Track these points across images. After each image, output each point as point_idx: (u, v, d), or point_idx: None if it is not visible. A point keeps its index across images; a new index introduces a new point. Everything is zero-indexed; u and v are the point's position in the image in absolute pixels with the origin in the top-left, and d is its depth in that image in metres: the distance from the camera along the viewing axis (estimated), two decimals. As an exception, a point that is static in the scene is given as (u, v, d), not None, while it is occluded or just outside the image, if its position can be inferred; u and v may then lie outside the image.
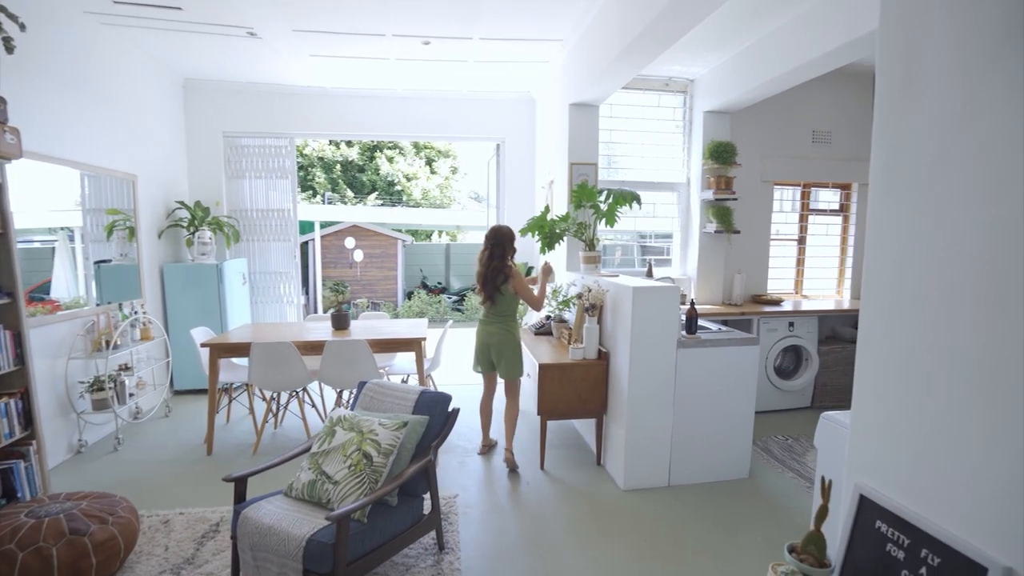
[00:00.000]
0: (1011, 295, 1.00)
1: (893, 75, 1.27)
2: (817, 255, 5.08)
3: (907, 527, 1.22)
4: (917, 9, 1.21)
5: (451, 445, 3.60)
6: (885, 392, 1.31)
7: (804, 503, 2.86)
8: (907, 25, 1.23)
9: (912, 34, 1.22)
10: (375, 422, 2.14)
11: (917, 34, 1.21)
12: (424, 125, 5.31)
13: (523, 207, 5.49)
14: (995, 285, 1.04)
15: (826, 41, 3.13)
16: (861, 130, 4.83)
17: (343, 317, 3.84)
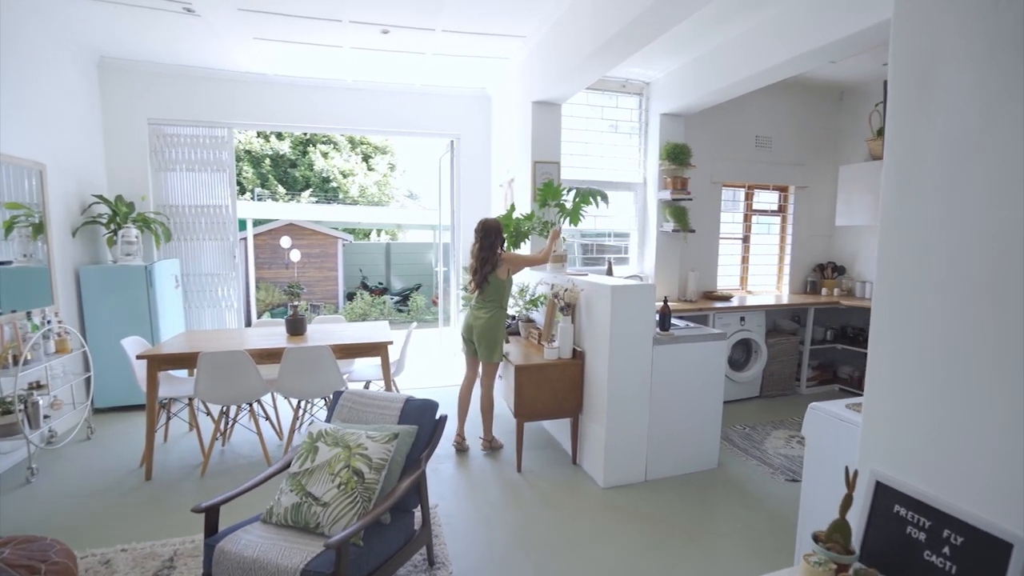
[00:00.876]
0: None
1: (907, 88, 1.33)
2: (759, 253, 5.40)
3: (927, 509, 1.28)
4: (931, 24, 1.27)
5: (421, 453, 3.45)
6: (899, 384, 1.37)
7: (771, 489, 3.01)
8: (920, 42, 1.29)
9: (926, 50, 1.28)
10: (362, 435, 1.99)
11: (931, 50, 1.27)
12: (375, 119, 5.07)
13: (479, 205, 5.40)
14: (1013, 282, 1.11)
15: (776, 54, 3.31)
16: (797, 137, 5.19)
17: (300, 322, 3.57)
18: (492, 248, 3.27)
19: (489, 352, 3.30)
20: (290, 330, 3.56)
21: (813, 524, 2.03)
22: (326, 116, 4.95)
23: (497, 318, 3.31)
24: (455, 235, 5.52)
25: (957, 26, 1.22)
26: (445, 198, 5.88)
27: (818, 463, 2.00)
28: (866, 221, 4.78)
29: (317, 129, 5.31)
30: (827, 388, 4.92)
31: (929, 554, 1.26)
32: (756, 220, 5.35)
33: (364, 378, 3.78)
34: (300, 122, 4.92)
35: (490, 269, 3.27)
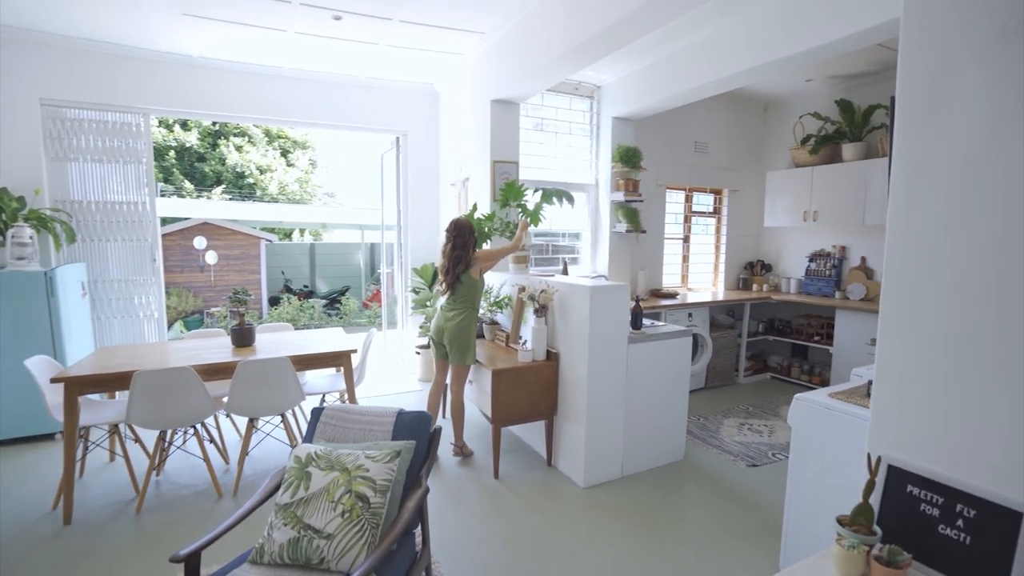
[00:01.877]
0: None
1: (916, 103, 1.43)
2: (697, 252, 5.73)
3: (939, 487, 1.39)
4: (939, 43, 1.38)
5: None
6: (906, 375, 1.48)
7: (735, 475, 3.18)
8: (929, 60, 1.39)
9: (935, 68, 1.38)
10: (359, 455, 1.82)
11: (940, 68, 1.37)
12: (316, 111, 4.72)
13: (427, 204, 5.23)
14: (1016, 283, 1.24)
15: (724, 67, 3.52)
16: (729, 143, 5.56)
17: (248, 332, 3.22)
18: (465, 247, 3.17)
19: (461, 354, 3.19)
20: (237, 341, 3.21)
21: (800, 508, 2.16)
22: (260, 106, 4.53)
23: (469, 319, 3.21)
24: (403, 235, 5.30)
25: (965, 46, 1.33)
26: (390, 197, 5.63)
27: (804, 450, 2.13)
28: (789, 223, 5.23)
29: (249, 120, 4.84)
30: (761, 377, 5.32)
31: (944, 527, 1.37)
32: (695, 221, 5.67)
33: (318, 390, 3.50)
34: (229, 111, 4.46)
35: (463, 269, 3.17)
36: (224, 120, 5.23)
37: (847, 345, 4.56)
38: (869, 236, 4.85)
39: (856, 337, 4.48)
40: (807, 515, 2.12)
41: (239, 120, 4.93)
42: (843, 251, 5.07)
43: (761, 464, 3.32)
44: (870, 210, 4.52)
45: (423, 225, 5.26)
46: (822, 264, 5.19)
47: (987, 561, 1.29)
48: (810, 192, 4.99)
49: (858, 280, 4.84)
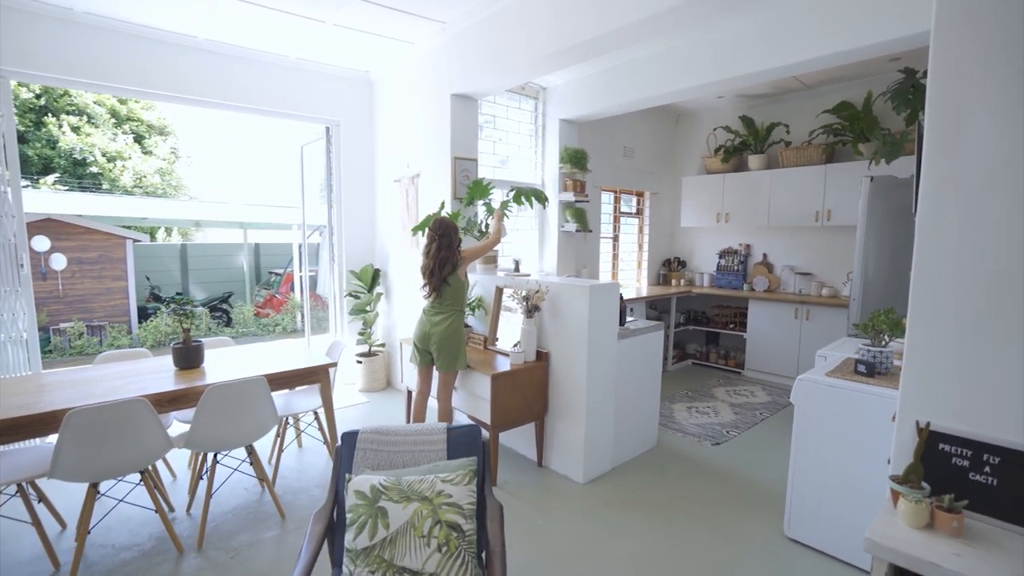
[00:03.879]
0: None
1: (943, 129, 1.68)
2: (624, 250, 6.11)
3: (966, 442, 1.67)
4: (963, 78, 1.64)
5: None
6: (933, 350, 1.74)
7: (705, 454, 3.46)
8: (954, 92, 1.66)
9: (959, 100, 1.65)
10: (433, 480, 1.64)
11: (964, 100, 1.64)
12: (230, 91, 4.08)
13: (362, 202, 4.86)
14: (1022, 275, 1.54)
15: (671, 83, 3.82)
16: (651, 149, 6.02)
17: (196, 350, 2.70)
18: (451, 247, 3.00)
19: (451, 360, 3.02)
20: (183, 362, 2.67)
21: (804, 477, 2.43)
22: (157, 79, 3.77)
23: (458, 322, 3.06)
24: (336, 234, 4.84)
25: (987, 83, 1.61)
26: (313, 193, 5.11)
27: (806, 424, 2.39)
28: (704, 223, 5.83)
29: (144, 95, 3.99)
30: (684, 364, 5.86)
31: (974, 475, 1.65)
32: (623, 221, 6.03)
33: (282, 412, 3.06)
34: (115, 81, 3.64)
35: (450, 270, 3.00)
36: (109, 92, 4.28)
37: (759, 330, 5.21)
38: (770, 235, 5.60)
39: (766, 323, 5.15)
40: (810, 483, 2.39)
41: (129, 94, 4.10)
42: (748, 248, 5.78)
43: (722, 442, 3.67)
44: (772, 213, 5.22)
45: (358, 224, 4.87)
46: (730, 260, 5.87)
47: (1012, 496, 1.59)
48: (722, 196, 5.60)
49: (761, 274, 5.56)
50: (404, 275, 4.59)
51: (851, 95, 4.80)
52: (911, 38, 2.77)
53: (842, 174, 4.70)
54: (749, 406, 4.41)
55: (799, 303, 4.89)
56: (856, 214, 4.58)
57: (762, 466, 3.28)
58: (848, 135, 4.69)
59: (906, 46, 2.88)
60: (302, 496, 2.86)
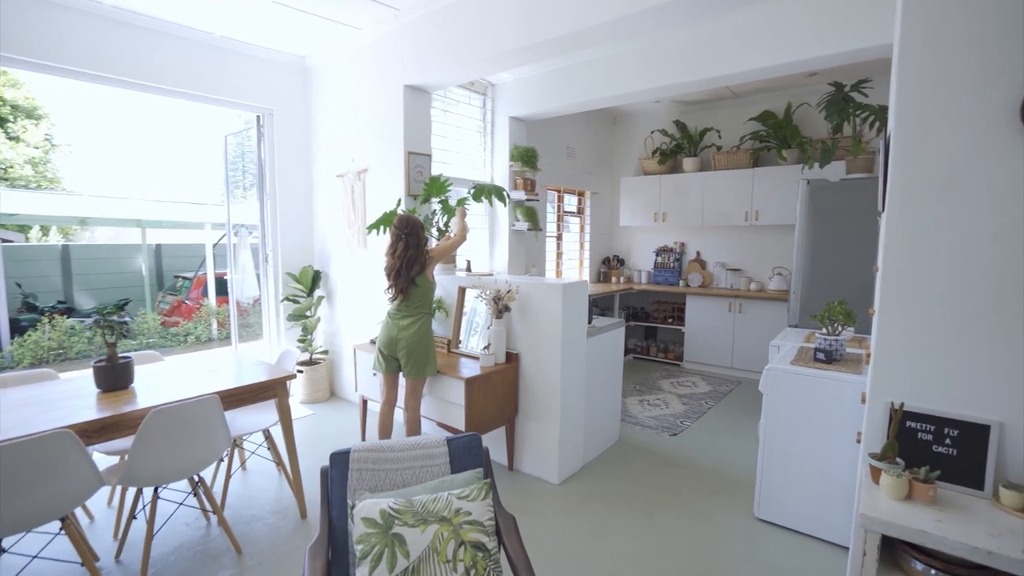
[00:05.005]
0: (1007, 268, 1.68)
1: (909, 131, 1.85)
2: (567, 248, 6.19)
3: (930, 419, 1.85)
4: (927, 91, 1.81)
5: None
6: (901, 340, 1.91)
7: (665, 445, 3.58)
8: (918, 101, 1.82)
9: (923, 110, 1.81)
10: (448, 498, 1.51)
11: (927, 111, 1.81)
12: (143, 70, 3.57)
13: (298, 198, 4.49)
14: (980, 267, 1.73)
15: (621, 86, 3.93)
16: (591, 150, 6.16)
17: (124, 369, 2.31)
18: (419, 246, 2.84)
19: (420, 366, 2.86)
20: (108, 383, 2.27)
21: (772, 460, 2.57)
22: (52, 50, 3.21)
23: (426, 326, 2.90)
24: (272, 233, 4.43)
25: (946, 95, 1.78)
26: (238, 186, 4.64)
27: (775, 410, 2.54)
28: (642, 223, 6.06)
29: (36, 68, 3.39)
30: (627, 358, 6.06)
31: (936, 447, 1.84)
32: (566, 220, 6.11)
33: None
34: (12, 51, 3.06)
35: (418, 270, 2.83)
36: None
37: (696, 324, 5.52)
38: (703, 234, 5.94)
39: (703, 317, 5.46)
40: (778, 466, 2.54)
41: (15, 65, 3.47)
42: (683, 247, 6.10)
43: (679, 432, 3.82)
44: (706, 213, 5.55)
45: (294, 222, 4.49)
46: (667, 258, 6.16)
47: (969, 464, 1.78)
48: (659, 197, 5.86)
49: (696, 270, 5.89)
50: (349, 277, 4.31)
51: (773, 105, 5.22)
52: (828, 57, 3.04)
53: (768, 177, 5.10)
54: (694, 396, 4.65)
55: (733, 297, 5.24)
56: (782, 214, 5.01)
57: (720, 453, 3.46)
58: (772, 142, 5.10)
59: (823, 64, 3.17)
60: (257, 526, 2.56)
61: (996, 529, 1.58)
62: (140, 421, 2.01)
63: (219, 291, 7.84)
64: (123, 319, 2.37)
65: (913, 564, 1.69)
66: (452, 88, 4.43)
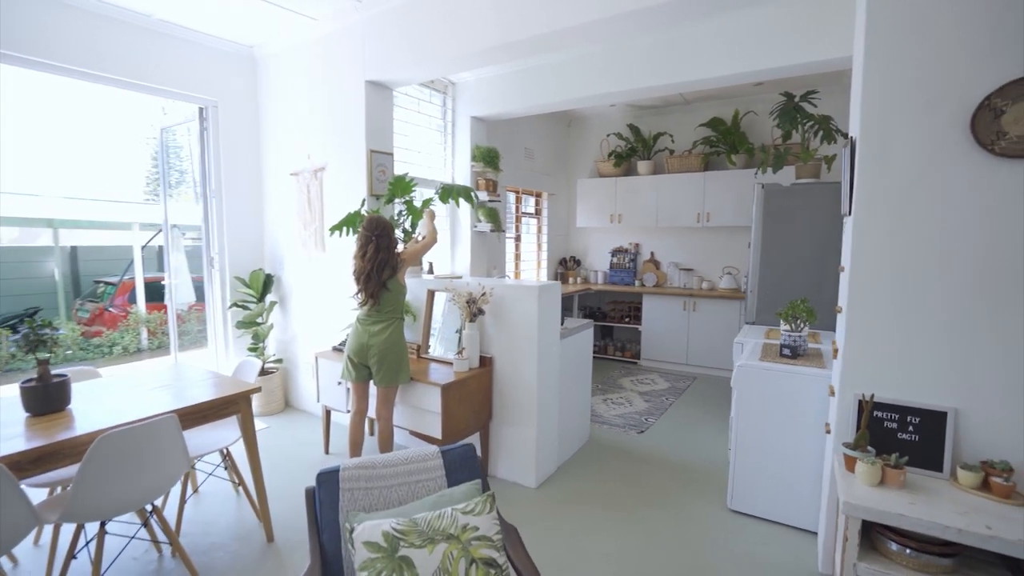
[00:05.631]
0: (961, 268, 1.82)
1: (871, 148, 1.97)
2: (525, 249, 6.20)
3: (894, 408, 1.99)
4: (887, 107, 1.93)
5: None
6: (867, 334, 2.04)
7: (634, 443, 3.65)
8: (879, 118, 1.95)
9: (883, 124, 1.94)
10: (452, 513, 1.44)
11: (887, 124, 1.94)
12: (72, 54, 3.21)
13: (246, 197, 4.20)
14: (933, 263, 1.88)
15: (586, 88, 3.98)
16: (548, 152, 6.19)
17: (60, 390, 2.04)
18: (390, 249, 2.72)
19: (393, 373, 2.74)
20: (41, 405, 2.00)
21: (745, 453, 2.68)
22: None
23: (399, 331, 2.79)
24: (218, 234, 4.11)
25: (905, 111, 1.91)
26: (179, 184, 4.27)
27: (746, 405, 2.64)
28: (598, 224, 6.17)
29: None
30: (586, 357, 6.14)
31: (901, 434, 1.98)
32: (524, 221, 6.11)
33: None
34: None
35: (390, 274, 2.72)
36: None
37: (652, 322, 5.68)
38: (658, 235, 6.13)
39: (658, 316, 5.63)
40: (749, 458, 2.65)
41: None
42: (637, 247, 6.27)
43: (645, 430, 3.90)
44: (660, 215, 5.73)
45: (243, 223, 4.19)
46: (622, 258, 6.30)
47: (929, 448, 1.93)
48: (615, 198, 5.99)
49: (651, 270, 6.07)
50: (305, 280, 4.08)
51: (721, 112, 5.46)
52: (780, 69, 3.22)
53: (718, 181, 5.33)
54: (655, 393, 4.78)
55: (687, 296, 5.44)
56: (732, 216, 5.25)
57: (687, 447, 3.56)
58: (720, 147, 5.34)
59: (775, 75, 3.35)
60: (218, 554, 2.36)
61: (961, 508, 1.70)
62: (84, 448, 1.79)
63: (149, 297, 7.20)
64: (56, 332, 2.10)
65: (888, 545, 1.79)
66: (412, 85, 4.29)
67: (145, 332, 6.96)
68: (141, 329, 6.90)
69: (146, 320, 6.97)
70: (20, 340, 1.99)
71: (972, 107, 1.81)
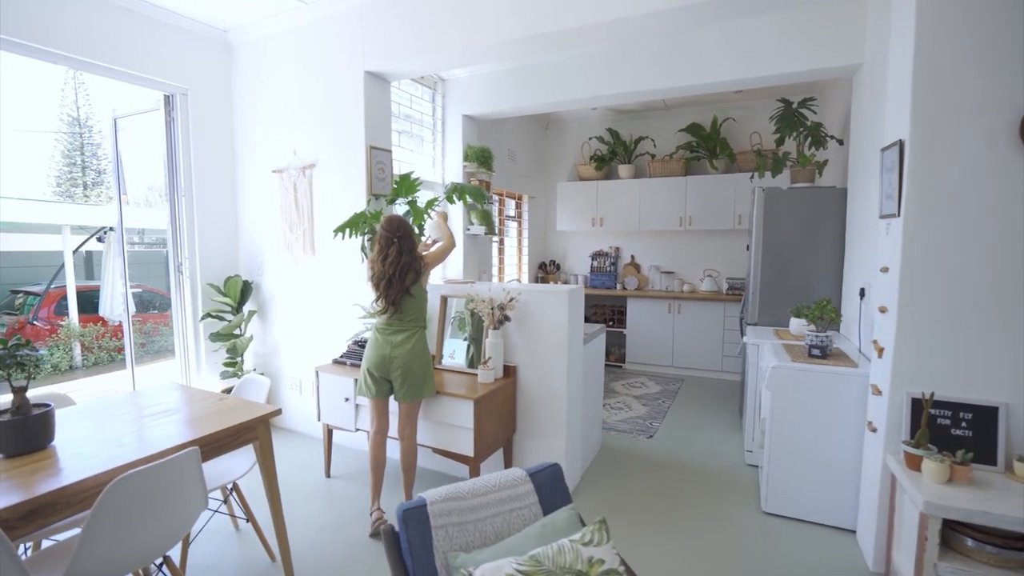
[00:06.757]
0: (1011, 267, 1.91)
1: (921, 150, 2.01)
2: (507, 252, 6.06)
3: (947, 405, 2.04)
4: (936, 111, 1.98)
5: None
6: (920, 333, 2.08)
7: (647, 447, 3.60)
8: (928, 123, 2.00)
9: (931, 129, 1.99)
10: (571, 546, 1.29)
11: (934, 129, 1.99)
12: (22, 27, 2.75)
13: (221, 196, 3.81)
14: (988, 264, 1.95)
15: (582, 90, 3.93)
16: (531, 154, 6.10)
17: (43, 423, 1.68)
18: (413, 251, 2.51)
19: (418, 387, 2.52)
20: (18, 444, 1.64)
21: (780, 454, 2.67)
22: None
23: (423, 341, 2.57)
24: (188, 237, 3.67)
25: (951, 118, 1.97)
26: (137, 181, 3.80)
27: (781, 407, 2.64)
28: (578, 227, 6.14)
29: None
30: (570, 361, 6.07)
31: (954, 430, 2.03)
32: (506, 224, 5.97)
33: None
34: None
35: (413, 279, 2.49)
36: None
37: (637, 325, 5.71)
38: (638, 238, 6.18)
39: (643, 319, 5.66)
40: (785, 460, 2.64)
41: None
42: (617, 251, 6.30)
43: (653, 434, 3.87)
44: (642, 219, 5.78)
45: (216, 225, 3.78)
46: (602, 262, 6.31)
47: (983, 442, 1.98)
48: (596, 202, 5.99)
49: (631, 274, 6.11)
50: (291, 287, 3.73)
51: (700, 118, 5.60)
52: (776, 76, 3.33)
53: (700, 185, 5.45)
54: (650, 397, 4.78)
55: (672, 299, 5.51)
56: (714, 220, 5.38)
57: (699, 450, 3.55)
58: (701, 152, 5.46)
59: (773, 82, 3.46)
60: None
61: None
62: (87, 496, 1.47)
63: (83, 308, 6.40)
64: (35, 352, 1.74)
65: (964, 541, 1.81)
66: (404, 80, 4.06)
67: (79, 347, 6.17)
68: (74, 344, 6.11)
69: (79, 334, 6.18)
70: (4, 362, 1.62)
71: (1022, 111, 1.89)
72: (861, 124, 3.16)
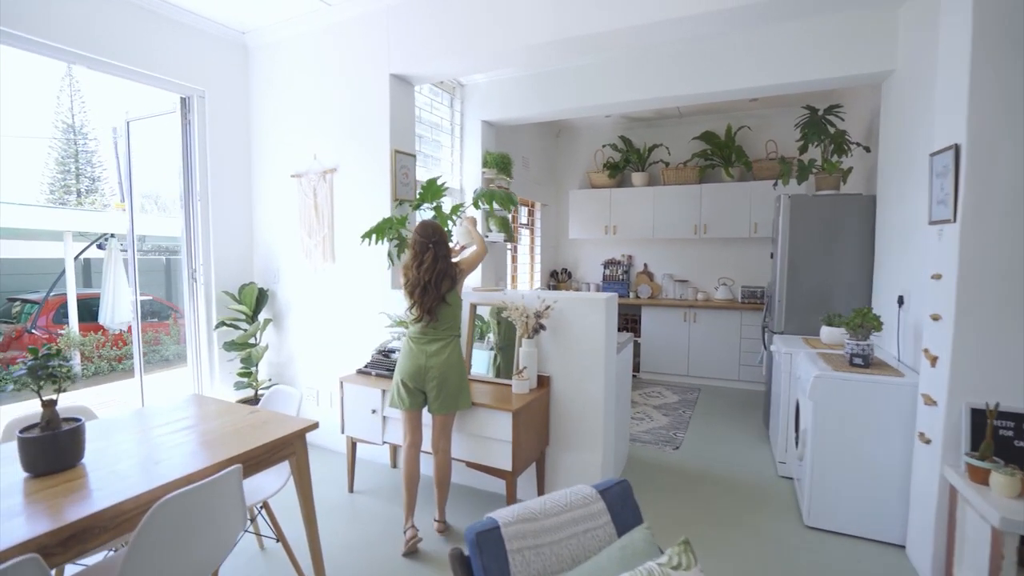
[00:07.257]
0: None
1: (979, 161, 1.97)
2: (519, 261, 5.99)
3: (1010, 416, 1.97)
4: (992, 120, 1.94)
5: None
6: (979, 343, 2.02)
7: (673, 459, 3.51)
8: (985, 134, 1.95)
9: (990, 138, 1.95)
10: (663, 571, 1.20)
11: (991, 138, 1.94)
12: (35, 24, 2.66)
13: (237, 201, 3.71)
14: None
15: (606, 95, 3.90)
16: (543, 161, 6.06)
17: (73, 439, 1.57)
18: (448, 257, 2.43)
19: (453, 398, 2.43)
20: (46, 463, 1.53)
21: (824, 467, 2.60)
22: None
23: (458, 350, 2.48)
24: (204, 243, 3.56)
25: (1010, 121, 1.93)
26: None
27: (825, 418, 2.56)
28: (591, 235, 6.09)
29: None
30: (582, 371, 5.99)
31: (1018, 442, 1.96)
32: (519, 232, 5.91)
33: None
34: None
35: (449, 286, 2.41)
36: None
37: (652, 334, 5.64)
38: (651, 246, 6.13)
39: (658, 327, 5.60)
40: (830, 472, 2.57)
41: None
42: (630, 259, 6.24)
43: (679, 445, 3.78)
44: (656, 227, 5.73)
45: (231, 231, 3.68)
46: (615, 270, 6.25)
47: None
48: (610, 210, 5.94)
49: (644, 282, 6.06)
50: (309, 296, 3.63)
51: (714, 126, 5.58)
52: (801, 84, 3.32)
53: (715, 193, 5.42)
54: (670, 406, 4.70)
55: (688, 307, 5.45)
56: (729, 228, 5.35)
57: (728, 462, 3.47)
58: (715, 159, 5.44)
59: (797, 90, 3.46)
60: (266, 630, 1.92)
61: (1112, 517, 1.68)
62: (128, 519, 1.37)
63: (81, 316, 6.24)
64: (67, 362, 1.63)
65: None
66: (425, 84, 4.00)
67: (78, 356, 5.99)
68: (74, 353, 5.93)
69: (79, 343, 6.00)
70: (26, 374, 1.51)
71: (1086, 116, 1.85)
72: (892, 131, 3.13)
